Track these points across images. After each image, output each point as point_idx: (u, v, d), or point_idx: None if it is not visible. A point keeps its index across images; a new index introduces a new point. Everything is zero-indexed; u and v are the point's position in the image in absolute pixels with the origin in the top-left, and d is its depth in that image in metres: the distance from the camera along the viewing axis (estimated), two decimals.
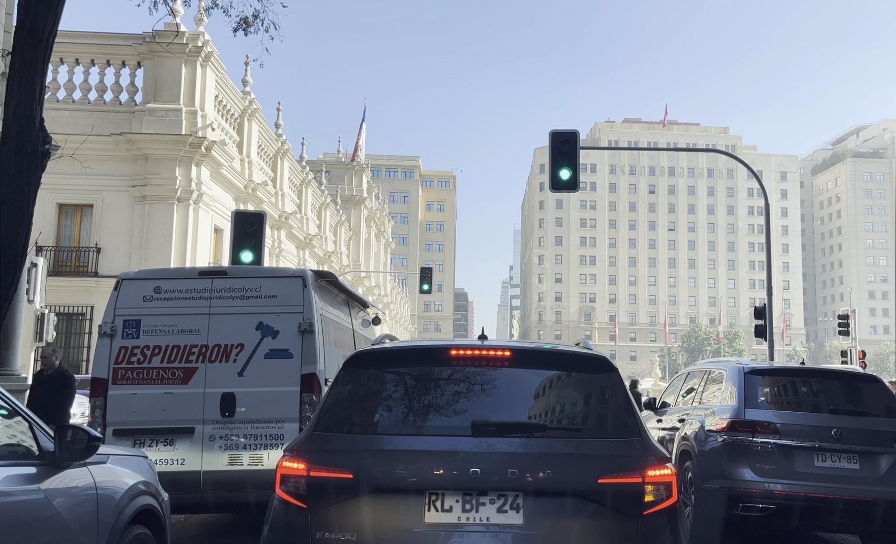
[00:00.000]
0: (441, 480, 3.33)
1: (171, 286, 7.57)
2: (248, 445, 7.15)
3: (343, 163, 54.42)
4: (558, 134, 12.52)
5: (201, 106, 23.42)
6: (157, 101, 22.82)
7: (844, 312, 25.24)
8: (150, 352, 7.39)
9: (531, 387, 3.85)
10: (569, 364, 4.04)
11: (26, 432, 3.68)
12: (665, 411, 9.25)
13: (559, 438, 3.67)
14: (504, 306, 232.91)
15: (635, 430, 3.58)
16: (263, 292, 7.51)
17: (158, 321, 7.41)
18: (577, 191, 13.07)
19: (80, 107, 23.02)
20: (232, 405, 7.19)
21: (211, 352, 7.36)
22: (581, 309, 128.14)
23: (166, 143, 22.30)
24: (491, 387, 3.77)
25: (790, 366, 8.15)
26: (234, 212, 11.66)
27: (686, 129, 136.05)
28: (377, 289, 60.10)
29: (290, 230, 34.35)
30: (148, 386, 7.32)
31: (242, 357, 7.30)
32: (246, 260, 10.82)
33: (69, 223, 22.87)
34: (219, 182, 25.31)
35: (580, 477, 3.31)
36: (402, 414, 3.72)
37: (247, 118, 28.56)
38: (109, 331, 7.39)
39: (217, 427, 7.18)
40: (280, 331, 7.30)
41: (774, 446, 6.52)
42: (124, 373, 7.36)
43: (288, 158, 34.52)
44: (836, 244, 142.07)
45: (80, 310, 22.12)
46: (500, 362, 3.81)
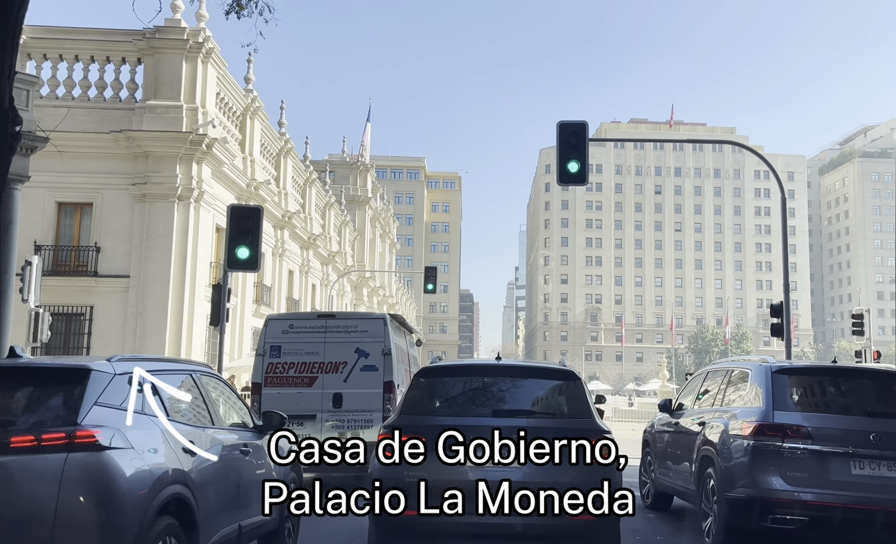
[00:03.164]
0: (474, 441, 5.27)
1: (299, 324, 11.92)
2: (349, 426, 11.29)
3: (347, 163, 54.04)
4: (566, 125, 12.03)
5: (202, 103, 23.03)
6: (157, 97, 22.44)
7: (859, 312, 24.66)
8: (288, 367, 11.48)
9: (527, 388, 6.49)
10: (550, 375, 6.71)
11: (245, 414, 6.61)
12: (681, 413, 8.75)
13: (543, 418, 6.20)
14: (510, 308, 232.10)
15: (589, 415, 6.02)
16: (359, 328, 11.75)
17: (292, 346, 11.52)
18: (585, 184, 12.59)
19: (80, 104, 22.66)
20: (340, 401, 11.31)
21: (326, 367, 11.46)
22: (587, 310, 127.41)
23: (167, 141, 21.91)
24: (503, 388, 6.39)
25: (821, 364, 7.59)
26: (230, 207, 11.25)
27: (692, 129, 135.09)
28: (382, 290, 59.67)
29: (293, 230, 33.96)
30: (286, 388, 11.36)
31: (346, 370, 11.41)
32: (242, 256, 10.40)
33: (68, 222, 22.49)
34: (220, 180, 24.92)
35: (557, 441, 5.16)
36: (450, 403, 6.23)
37: (249, 116, 28.18)
38: (262, 352, 11.57)
39: (330, 414, 11.31)
40: (370, 354, 11.41)
41: (807, 452, 6.03)
42: (271, 380, 11.42)
43: (291, 157, 34.13)
44: (843, 244, 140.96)
45: (80, 311, 21.75)
46: (508, 374, 6.51)
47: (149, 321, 21.71)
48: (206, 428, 5.51)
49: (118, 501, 4.18)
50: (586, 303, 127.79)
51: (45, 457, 4.04)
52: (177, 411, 5.18)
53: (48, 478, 3.99)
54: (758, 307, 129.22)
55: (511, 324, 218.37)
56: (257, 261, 10.37)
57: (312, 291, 39.06)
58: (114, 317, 21.71)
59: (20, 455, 4.02)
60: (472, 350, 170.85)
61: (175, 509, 4.67)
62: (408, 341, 14.65)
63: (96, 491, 4.11)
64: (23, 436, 4.07)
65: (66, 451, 4.06)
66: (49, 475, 4.00)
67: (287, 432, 6.00)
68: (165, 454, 4.68)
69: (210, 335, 24.95)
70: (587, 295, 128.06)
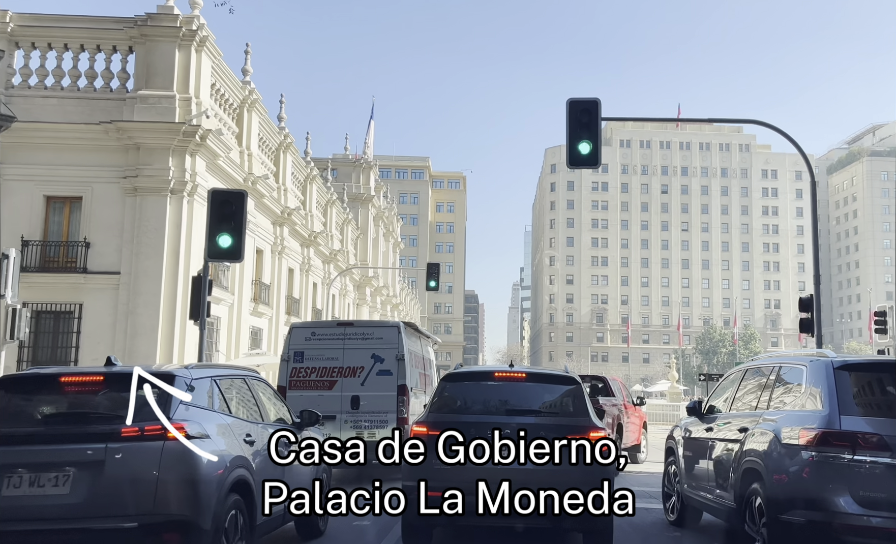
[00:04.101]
0: (489, 434, 5.71)
1: (321, 331, 13.14)
2: (366, 426, 12.24)
3: (350, 161, 53.09)
4: (577, 102, 11.04)
5: (196, 93, 22.12)
6: (149, 87, 21.52)
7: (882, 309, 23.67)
8: (310, 371, 12.59)
9: (535, 391, 7.41)
10: (554, 379, 7.57)
11: (285, 412, 7.69)
12: (715, 417, 7.66)
13: (547, 416, 7.13)
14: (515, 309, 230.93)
15: (586, 413, 7.01)
16: (375, 336, 12.87)
17: (314, 352, 12.66)
18: (598, 166, 11.59)
19: (69, 94, 21.79)
20: (357, 402, 12.35)
21: (345, 371, 12.53)
22: (593, 310, 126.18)
23: (159, 132, 21.00)
24: (515, 391, 7.33)
25: (890, 359, 6.50)
26: (211, 191, 10.33)
27: (699, 127, 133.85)
28: (385, 290, 58.71)
29: (293, 227, 33.05)
30: (309, 390, 12.41)
31: (363, 374, 12.48)
32: (224, 245, 9.47)
33: (57, 216, 21.60)
34: (216, 174, 24.00)
35: (557, 435, 5.86)
36: (471, 403, 7.21)
37: (246, 109, 27.27)
38: (286, 357, 12.82)
39: (349, 415, 12.33)
40: (385, 359, 12.48)
41: (883, 466, 5.00)
42: (295, 383, 12.55)
43: (291, 152, 33.21)
44: (852, 244, 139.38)
45: (68, 309, 20.84)
46: (519, 379, 7.38)
47: (140, 319, 20.79)
48: (258, 423, 6.65)
49: (203, 479, 5.25)
50: (592, 303, 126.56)
51: (148, 444, 5.12)
52: (237, 409, 6.42)
53: (151, 461, 5.08)
54: (765, 307, 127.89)
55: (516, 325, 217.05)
56: (240, 250, 9.39)
57: (313, 290, 38.12)
58: (104, 315, 20.81)
59: (129, 442, 5.11)
60: (476, 351, 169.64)
61: (240, 488, 5.75)
62: (423, 346, 15.92)
63: (186, 471, 5.18)
64: (130, 428, 5.14)
65: (163, 440, 5.14)
66: (151, 458, 5.09)
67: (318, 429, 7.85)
68: (232, 444, 5.81)
69: None
70: (593, 295, 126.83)
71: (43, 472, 5.00)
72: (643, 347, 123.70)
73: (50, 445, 5.14)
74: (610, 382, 17.98)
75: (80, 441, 5.09)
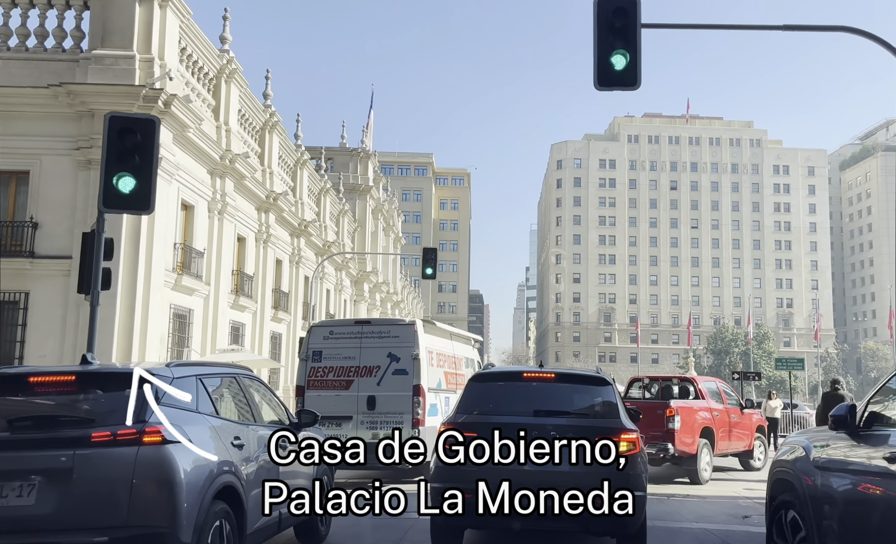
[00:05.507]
0: (516, 435, 5.54)
1: (338, 330, 13.30)
2: (382, 426, 12.33)
3: (347, 150, 50.44)
4: (607, 2, 8.31)
5: (160, 54, 19.59)
6: (105, 47, 19.02)
7: None
8: (327, 371, 12.83)
9: (564, 392, 7.35)
10: (583, 380, 7.58)
11: (282, 412, 7.33)
12: (887, 433, 4.46)
13: (577, 418, 7.01)
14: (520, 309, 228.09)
15: (617, 415, 6.90)
16: (391, 334, 12.94)
17: (332, 351, 12.88)
18: (636, 87, 8.42)
19: (16, 55, 19.30)
20: (374, 403, 12.54)
21: (361, 371, 12.70)
22: (600, 310, 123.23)
23: (115, 96, 18.42)
24: (544, 391, 7.23)
25: None
26: (107, 117, 7.76)
27: (709, 122, 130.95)
28: (386, 286, 56.08)
29: (280, 214, 30.47)
30: (326, 390, 12.71)
31: (379, 374, 12.65)
32: (124, 189, 6.91)
33: (1, 193, 19.10)
34: (186, 148, 21.46)
35: (587, 437, 5.63)
36: (499, 404, 7.09)
37: (224, 80, 24.72)
38: (305, 357, 13.04)
39: (365, 416, 12.51)
40: (401, 358, 12.60)
41: None
42: (313, 383, 12.85)
43: (278, 133, 30.64)
44: (865, 241, 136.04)
45: (13, 298, 18.35)
46: (548, 379, 7.34)
47: None
48: (249, 425, 6.23)
49: (181, 488, 4.81)
50: (599, 302, 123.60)
51: (120, 450, 4.75)
52: (225, 410, 6.05)
53: (123, 468, 4.70)
54: (777, 306, 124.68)
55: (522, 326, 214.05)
56: (149, 197, 6.80)
57: (305, 284, 35.54)
58: (53, 305, 18.28)
59: (100, 448, 4.74)
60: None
61: (227, 495, 5.36)
62: (455, 344, 15.73)
63: (163, 479, 4.79)
64: (101, 432, 4.79)
65: (137, 445, 4.78)
66: (124, 465, 4.71)
67: (318, 429, 7.61)
68: (217, 447, 5.39)
69: (172, 328, 21.48)
70: (600, 294, 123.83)
71: (6, 481, 4.63)
72: (652, 347, 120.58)
73: (14, 451, 4.76)
74: (701, 385, 16.04)
75: (47, 447, 4.75)
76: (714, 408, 15.50)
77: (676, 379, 17.05)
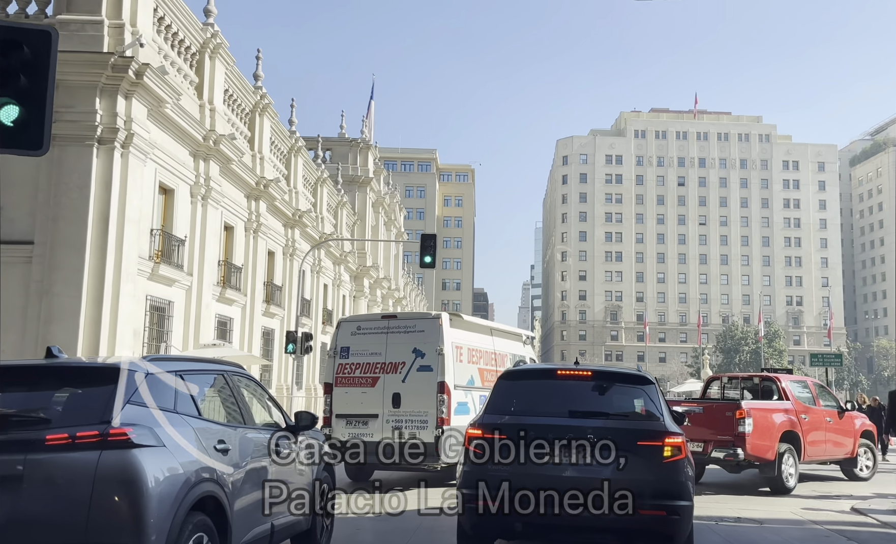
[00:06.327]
0: (549, 437, 5.93)
1: (366, 325, 13.12)
2: (406, 426, 12.04)
3: (346, 141, 48.68)
4: None
5: (132, 20, 17.90)
6: (70, 11, 17.34)
7: None
8: (354, 367, 12.66)
9: (602, 391, 6.72)
10: (623, 378, 7.07)
11: (278, 415, 6.66)
12: None
13: (616, 419, 6.44)
14: (525, 308, 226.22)
15: (659, 416, 6.36)
16: (417, 328, 12.66)
17: (359, 347, 12.71)
18: None
19: None
20: (399, 400, 12.20)
21: (387, 367, 12.44)
22: (607, 308, 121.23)
23: (80, 65, 16.74)
24: (579, 391, 6.72)
25: None
26: None
27: (717, 118, 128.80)
28: (387, 282, 54.32)
29: (272, 202, 28.75)
30: (354, 388, 12.55)
31: (404, 370, 12.33)
32: (6, 118, 5.07)
33: None
34: (163, 125, 19.76)
35: (627, 441, 5.89)
36: (531, 404, 6.64)
37: (209, 55, 23.00)
38: (332, 354, 12.99)
39: (391, 414, 12.19)
40: (426, 353, 12.24)
41: None
42: (341, 380, 12.73)
43: (269, 117, 28.90)
44: (877, 238, 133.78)
45: None
46: (585, 378, 6.76)
47: (58, 300, 16.59)
48: (237, 427, 5.60)
49: (150, 498, 4.24)
50: (606, 300, 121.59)
51: (79, 455, 4.15)
52: (208, 410, 5.40)
53: (83, 475, 4.11)
54: (787, 304, 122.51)
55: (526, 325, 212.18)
56: (41, 133, 5.01)
57: (301, 277, 33.78)
58: (13, 295, 16.55)
59: (55, 452, 4.13)
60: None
61: (207, 506, 4.74)
62: (496, 340, 14.95)
63: (129, 488, 4.21)
64: (57, 434, 4.18)
65: (100, 449, 4.18)
66: (83, 472, 4.11)
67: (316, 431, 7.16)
68: (197, 453, 4.77)
69: (149, 321, 19.76)
70: (607, 292, 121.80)
71: None
72: (659, 346, 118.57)
73: None
74: (786, 384, 14.65)
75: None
76: (800, 409, 14.15)
77: (759, 378, 15.76)
